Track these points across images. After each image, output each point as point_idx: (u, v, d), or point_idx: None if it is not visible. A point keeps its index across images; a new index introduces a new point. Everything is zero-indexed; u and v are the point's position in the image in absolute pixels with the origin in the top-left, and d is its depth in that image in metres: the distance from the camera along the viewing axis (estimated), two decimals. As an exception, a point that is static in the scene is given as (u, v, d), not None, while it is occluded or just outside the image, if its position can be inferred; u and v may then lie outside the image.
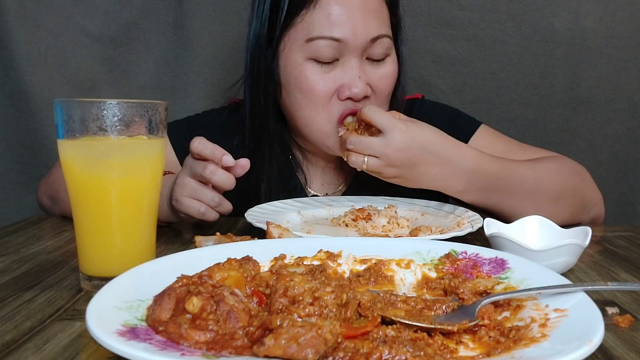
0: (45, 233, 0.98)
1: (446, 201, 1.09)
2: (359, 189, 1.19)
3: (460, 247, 0.68)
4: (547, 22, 1.54)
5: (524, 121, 1.59)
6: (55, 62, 1.54)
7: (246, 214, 0.94)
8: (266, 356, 0.43)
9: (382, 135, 0.94)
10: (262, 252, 0.66)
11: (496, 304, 0.56)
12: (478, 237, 0.91)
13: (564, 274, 0.73)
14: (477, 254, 0.66)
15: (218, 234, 0.79)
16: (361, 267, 0.66)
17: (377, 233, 0.94)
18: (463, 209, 1.00)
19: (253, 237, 0.78)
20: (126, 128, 0.65)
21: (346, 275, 0.66)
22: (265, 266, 0.64)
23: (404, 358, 0.43)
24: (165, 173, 0.99)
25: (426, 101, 1.28)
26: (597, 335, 0.43)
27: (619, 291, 0.67)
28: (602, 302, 0.63)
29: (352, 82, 1.04)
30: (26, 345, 0.53)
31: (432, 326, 0.50)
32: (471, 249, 0.67)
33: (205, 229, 0.98)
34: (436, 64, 1.58)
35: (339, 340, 0.45)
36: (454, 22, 1.56)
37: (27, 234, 0.97)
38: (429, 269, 0.65)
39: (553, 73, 1.56)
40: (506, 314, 0.55)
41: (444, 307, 0.56)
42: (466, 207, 1.01)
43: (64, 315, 0.60)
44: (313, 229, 0.96)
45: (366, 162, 0.95)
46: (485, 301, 0.55)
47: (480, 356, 0.47)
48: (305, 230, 0.94)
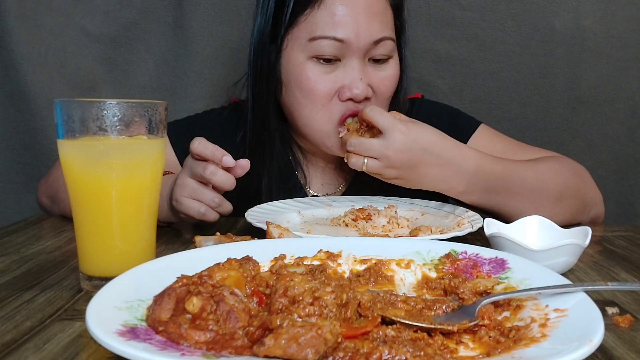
0: (45, 233, 0.98)
1: (446, 201, 1.09)
2: (358, 189, 1.20)
3: (460, 247, 0.68)
4: (547, 22, 1.54)
5: (524, 121, 1.59)
6: (55, 62, 1.54)
7: (246, 214, 0.94)
8: (266, 356, 0.43)
9: (383, 136, 0.93)
10: (262, 252, 0.66)
11: (496, 304, 0.56)
12: (478, 237, 0.91)
13: (564, 274, 0.73)
14: (477, 254, 0.66)
15: (218, 234, 0.79)
16: (361, 267, 0.66)
17: (377, 233, 0.94)
18: (463, 209, 1.00)
19: (253, 237, 0.78)
20: (126, 128, 0.65)
21: (346, 275, 0.66)
22: (265, 266, 0.64)
23: (404, 358, 0.43)
24: (165, 173, 0.99)
25: (426, 101, 1.28)
26: (597, 335, 0.43)
27: (619, 291, 0.67)
28: (602, 302, 0.63)
29: (353, 83, 1.04)
30: (26, 345, 0.53)
31: (432, 326, 0.50)
32: (471, 249, 0.67)
33: (205, 229, 0.98)
34: (436, 64, 1.58)
35: (339, 340, 0.45)
36: (454, 22, 1.56)
37: (27, 234, 0.97)
38: (429, 269, 0.65)
39: (553, 73, 1.56)
40: (506, 314, 0.55)
41: (444, 307, 0.56)
42: (466, 207, 1.01)
43: (64, 315, 0.60)
44: (313, 229, 0.96)
45: (366, 164, 0.94)
46: (485, 301, 0.55)
47: (480, 356, 0.47)
48: (305, 230, 0.94)
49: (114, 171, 0.66)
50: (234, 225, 1.03)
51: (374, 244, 0.70)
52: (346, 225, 0.97)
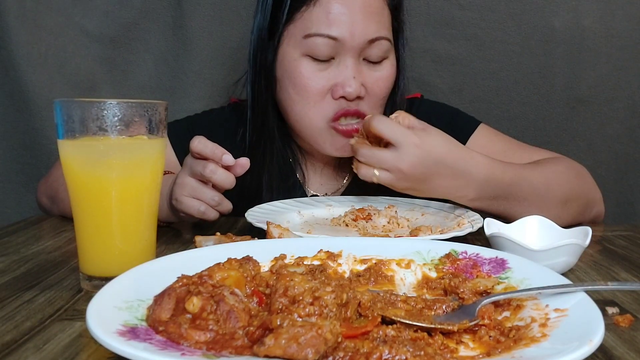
0: (45, 233, 0.98)
1: (447, 202, 1.09)
2: (358, 189, 1.19)
3: (460, 247, 0.68)
4: (546, 21, 1.54)
5: (523, 121, 1.59)
6: (55, 62, 1.54)
7: (246, 214, 0.94)
8: (266, 356, 0.43)
9: (395, 149, 0.88)
10: (262, 252, 0.66)
11: (496, 304, 0.56)
12: (478, 237, 0.91)
13: (564, 274, 0.73)
14: (477, 254, 0.66)
15: (218, 234, 0.79)
16: (361, 267, 0.66)
17: (377, 233, 0.94)
18: (463, 209, 1.00)
19: (253, 237, 0.78)
20: (126, 128, 0.65)
21: (346, 275, 0.66)
22: (265, 266, 0.64)
23: (404, 358, 0.43)
24: (165, 173, 0.99)
25: (425, 100, 1.28)
26: (597, 335, 0.43)
27: (619, 291, 0.67)
28: (602, 302, 0.63)
29: (345, 81, 1.04)
30: (26, 346, 0.53)
31: (432, 326, 0.50)
32: (471, 249, 0.67)
33: (205, 229, 0.98)
34: (436, 64, 1.58)
35: (339, 340, 0.45)
36: (453, 21, 1.56)
37: (27, 234, 0.96)
38: (429, 269, 0.65)
39: (553, 72, 1.56)
40: (506, 313, 0.55)
41: (444, 307, 0.56)
42: (467, 207, 1.01)
43: (64, 315, 0.60)
44: (313, 229, 0.96)
45: (377, 176, 0.91)
46: (485, 301, 0.55)
47: (481, 356, 0.47)
48: (305, 230, 0.94)
49: (114, 171, 0.66)
50: (234, 225, 1.03)
51: (374, 244, 0.70)
52: (346, 225, 0.97)
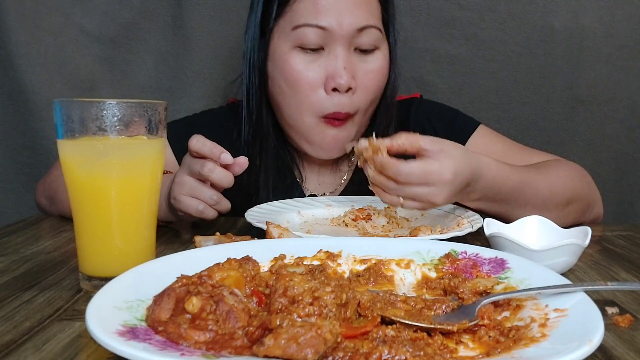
0: (44, 233, 0.98)
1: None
2: (356, 188, 1.19)
3: (460, 247, 0.68)
4: (546, 21, 1.54)
5: (523, 121, 1.59)
6: (54, 62, 1.54)
7: (246, 214, 0.94)
8: (266, 356, 0.43)
9: (430, 159, 0.82)
10: (262, 252, 0.66)
11: (496, 304, 0.56)
12: (478, 237, 0.90)
13: (564, 274, 0.73)
14: (477, 254, 0.66)
15: (218, 234, 0.79)
16: (361, 267, 0.66)
17: (377, 233, 0.94)
18: (463, 209, 1.00)
19: (253, 237, 0.78)
20: (125, 128, 0.65)
21: (346, 275, 0.66)
22: (265, 266, 0.64)
23: (404, 358, 0.43)
24: (164, 173, 0.99)
25: (425, 101, 1.28)
26: (597, 335, 0.43)
27: (618, 291, 0.67)
28: (602, 302, 0.63)
29: (336, 72, 1.03)
30: (25, 346, 0.53)
31: (432, 326, 0.50)
32: (471, 249, 0.67)
33: (205, 229, 0.98)
34: (435, 64, 1.58)
35: (339, 340, 0.45)
36: (453, 21, 1.56)
37: (26, 234, 0.96)
38: (428, 269, 0.65)
39: (552, 72, 1.56)
40: (506, 313, 0.54)
41: (443, 307, 0.56)
42: (466, 207, 1.01)
43: (63, 315, 0.60)
44: (313, 229, 0.96)
45: (403, 202, 0.84)
46: (485, 301, 0.55)
47: (480, 356, 0.47)
48: (305, 230, 0.94)
49: (113, 171, 0.66)
50: (233, 225, 1.03)
51: (373, 244, 0.70)
52: (346, 225, 0.97)
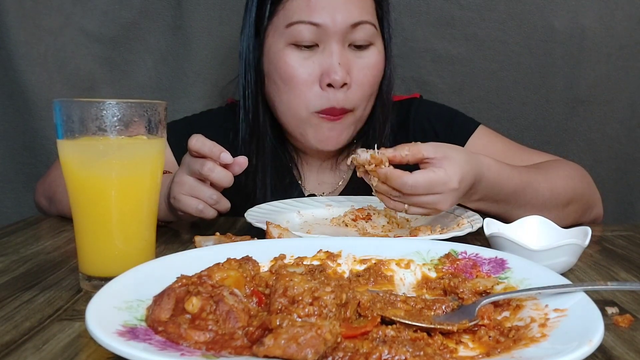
0: (44, 233, 0.98)
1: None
2: (356, 188, 1.19)
3: (460, 247, 0.68)
4: (546, 21, 1.54)
5: (523, 121, 1.59)
6: (54, 62, 1.54)
7: (246, 214, 0.94)
8: (266, 356, 0.43)
9: (435, 166, 0.81)
10: (261, 252, 0.66)
11: (496, 304, 0.56)
12: (478, 237, 0.90)
13: (563, 274, 0.73)
14: (476, 254, 0.66)
15: (218, 234, 0.79)
16: (361, 267, 0.66)
17: (377, 233, 0.94)
18: (463, 209, 1.00)
19: (253, 237, 0.78)
20: (125, 128, 0.65)
21: (346, 275, 0.66)
22: (265, 266, 0.64)
23: (404, 358, 0.43)
24: (164, 172, 0.99)
25: (424, 101, 1.28)
26: (597, 335, 0.43)
27: (618, 291, 0.67)
28: (602, 302, 0.63)
29: (331, 68, 1.04)
30: (25, 346, 0.53)
31: (432, 326, 0.50)
32: (471, 249, 0.67)
33: (205, 229, 0.98)
34: (435, 64, 1.58)
35: (339, 340, 0.45)
36: (453, 21, 1.56)
37: (26, 234, 0.96)
38: (428, 269, 0.65)
39: (553, 72, 1.56)
40: (506, 313, 0.54)
41: (443, 307, 0.56)
42: (466, 207, 1.01)
43: (63, 315, 0.60)
44: (313, 229, 0.96)
45: (407, 208, 0.84)
46: (485, 301, 0.55)
47: (480, 356, 0.47)
48: (305, 230, 0.94)
49: (113, 171, 0.66)
50: (233, 225, 1.03)
51: (373, 244, 0.70)
52: (346, 225, 0.97)
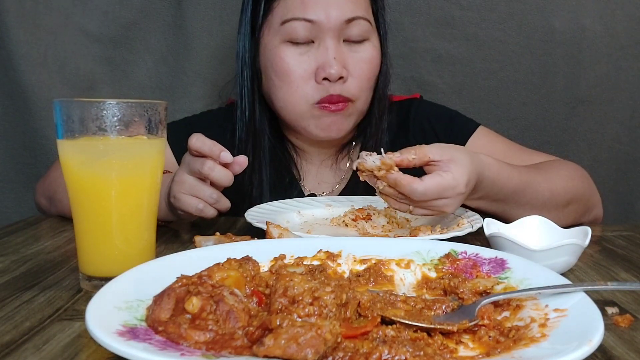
0: (44, 233, 0.98)
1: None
2: (355, 187, 1.19)
3: (460, 247, 0.68)
4: (546, 21, 1.54)
5: (523, 121, 1.59)
6: (54, 62, 1.54)
7: (246, 214, 0.94)
8: (266, 356, 0.43)
9: (442, 171, 0.81)
10: (262, 252, 0.66)
11: (496, 304, 0.56)
12: (478, 237, 0.90)
13: (563, 274, 0.73)
14: (477, 254, 0.66)
15: (218, 234, 0.79)
16: (361, 267, 0.66)
17: (377, 233, 0.94)
18: (462, 209, 1.00)
19: (253, 237, 0.78)
20: (126, 128, 0.65)
21: (346, 275, 0.66)
22: (265, 266, 0.64)
23: (404, 358, 0.43)
24: (164, 172, 0.99)
25: (424, 101, 1.28)
26: (597, 335, 0.43)
27: (618, 291, 0.67)
28: (602, 302, 0.63)
29: (326, 63, 1.04)
30: (25, 346, 0.53)
31: (432, 326, 0.50)
32: (471, 249, 0.67)
33: (205, 229, 0.98)
34: (436, 64, 1.58)
35: (339, 340, 0.45)
36: (453, 21, 1.56)
37: (26, 234, 0.96)
38: (428, 269, 0.65)
39: (553, 72, 1.56)
40: (506, 313, 0.54)
41: (443, 307, 0.56)
42: (466, 207, 1.01)
43: (63, 315, 0.60)
44: (313, 229, 0.96)
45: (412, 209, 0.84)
46: (485, 301, 0.55)
47: (480, 356, 0.47)
48: (305, 230, 0.94)
49: (113, 171, 0.66)
50: (233, 225, 1.03)
51: (373, 244, 0.70)
52: (346, 225, 0.97)
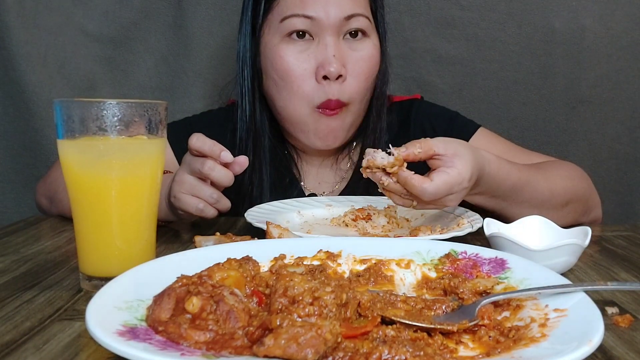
0: (44, 233, 0.98)
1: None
2: (356, 187, 1.19)
3: (460, 247, 0.68)
4: (547, 21, 1.54)
5: (524, 121, 1.59)
6: (54, 62, 1.54)
7: (246, 214, 0.94)
8: (266, 356, 0.43)
9: (446, 168, 0.81)
10: (262, 252, 0.66)
11: (496, 304, 0.56)
12: (478, 237, 0.90)
13: (563, 274, 0.73)
14: (477, 254, 0.66)
15: (218, 234, 0.79)
16: (361, 267, 0.66)
17: (377, 233, 0.94)
18: (463, 209, 1.00)
19: (253, 237, 0.78)
20: (126, 128, 0.65)
21: (346, 275, 0.66)
22: (265, 266, 0.64)
23: (404, 358, 0.43)
24: (164, 172, 0.99)
25: (425, 102, 1.28)
26: (597, 335, 0.43)
27: (618, 291, 0.67)
28: (602, 302, 0.63)
29: (326, 60, 1.04)
30: (26, 346, 0.53)
31: (432, 326, 0.50)
32: (471, 249, 0.67)
33: (205, 229, 0.98)
34: (436, 64, 1.58)
35: (339, 340, 0.45)
36: (453, 21, 1.56)
37: (26, 234, 0.96)
38: (428, 269, 0.65)
39: (553, 73, 1.56)
40: (506, 313, 0.54)
41: (443, 307, 0.56)
42: (466, 207, 1.01)
43: (63, 315, 0.60)
44: (313, 229, 0.96)
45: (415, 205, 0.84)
46: (485, 301, 0.55)
47: (480, 356, 0.47)
48: (305, 230, 0.94)
49: (113, 171, 0.66)
50: (233, 225, 1.03)
51: (373, 244, 0.70)
52: (346, 225, 0.97)
